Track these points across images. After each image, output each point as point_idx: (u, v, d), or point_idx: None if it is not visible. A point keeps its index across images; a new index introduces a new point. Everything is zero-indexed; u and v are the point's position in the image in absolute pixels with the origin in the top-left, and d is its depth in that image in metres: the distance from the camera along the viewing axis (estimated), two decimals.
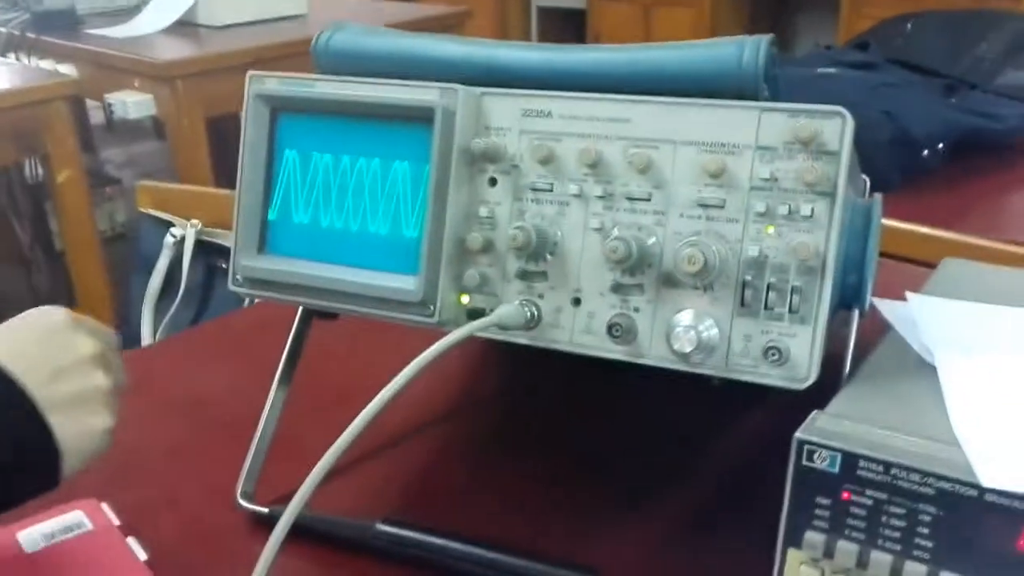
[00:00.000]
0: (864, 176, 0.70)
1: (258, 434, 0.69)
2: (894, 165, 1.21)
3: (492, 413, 0.81)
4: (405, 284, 0.59)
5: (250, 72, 0.63)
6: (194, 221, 1.51)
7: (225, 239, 1.47)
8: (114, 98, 2.38)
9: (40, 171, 2.78)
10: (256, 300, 1.17)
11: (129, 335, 1.56)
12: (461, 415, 0.81)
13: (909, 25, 1.56)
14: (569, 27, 4.62)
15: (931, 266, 0.78)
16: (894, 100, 1.25)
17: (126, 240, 3.29)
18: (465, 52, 0.62)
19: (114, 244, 3.11)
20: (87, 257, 2.29)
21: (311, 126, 0.62)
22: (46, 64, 2.52)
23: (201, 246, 1.50)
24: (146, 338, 1.55)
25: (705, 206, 0.54)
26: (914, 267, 0.92)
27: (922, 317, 0.61)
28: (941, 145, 1.23)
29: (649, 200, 0.55)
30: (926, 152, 1.23)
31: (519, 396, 0.84)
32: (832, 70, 1.41)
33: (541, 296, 0.57)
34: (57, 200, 2.28)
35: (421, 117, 0.58)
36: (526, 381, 0.85)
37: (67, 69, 2.48)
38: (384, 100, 0.59)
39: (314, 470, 0.51)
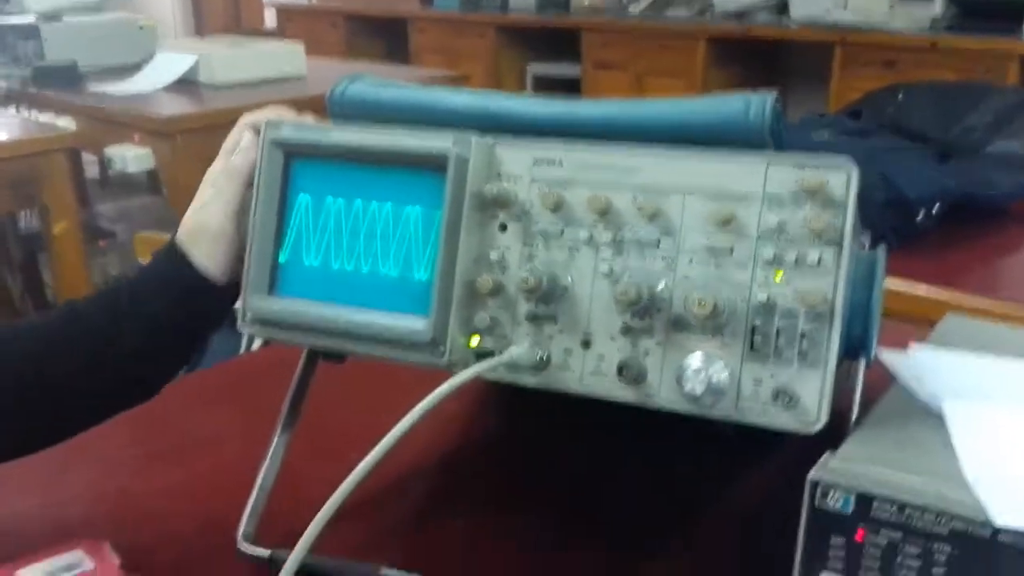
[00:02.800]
0: (865, 232, 0.72)
1: (261, 475, 0.68)
2: (890, 227, 1.23)
3: (497, 457, 0.81)
4: (415, 325, 0.59)
5: (267, 119, 0.64)
6: None
7: None
8: (113, 152, 2.40)
9: (34, 221, 2.79)
10: (255, 347, 1.17)
11: None
12: (466, 459, 0.81)
13: (900, 95, 1.60)
14: (562, 95, 4.70)
15: (929, 325, 0.79)
16: (889, 164, 1.27)
17: None
18: (478, 103, 0.63)
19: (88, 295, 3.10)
20: None
21: (324, 172, 0.63)
22: (46, 118, 2.55)
23: None
24: None
25: (714, 252, 0.55)
26: (911, 325, 0.93)
27: (927, 367, 0.62)
28: (936, 208, 1.26)
29: (658, 246, 0.56)
30: (921, 215, 1.25)
31: (524, 440, 0.83)
32: (826, 135, 1.44)
33: (551, 338, 0.58)
34: (52, 251, 2.28)
35: (435, 164, 0.59)
36: (532, 425, 0.85)
37: (66, 123, 2.50)
38: (398, 147, 0.61)
39: (319, 513, 0.51)
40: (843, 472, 0.46)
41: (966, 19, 3.50)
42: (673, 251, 0.55)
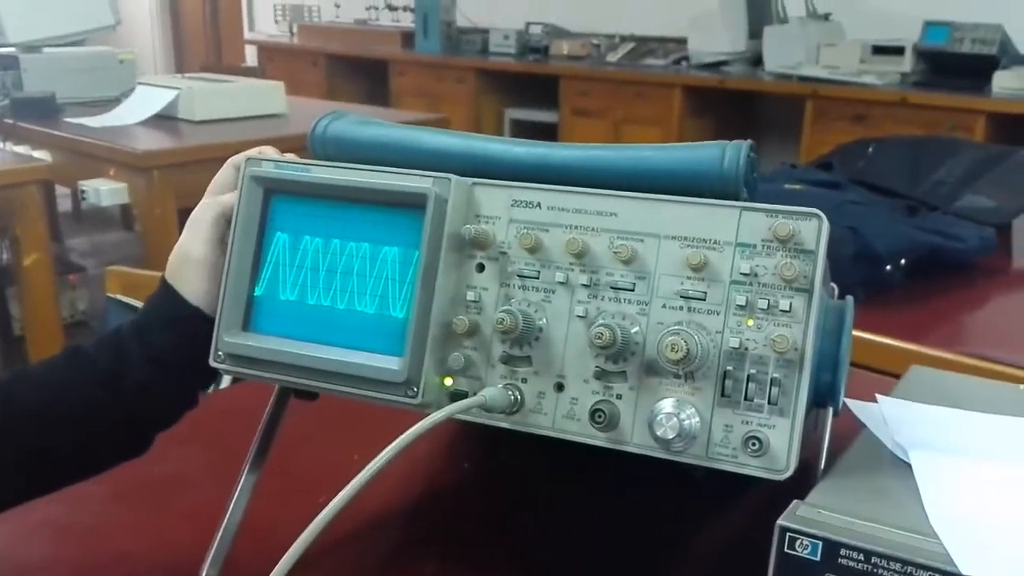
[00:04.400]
0: (832, 283, 0.73)
1: (226, 517, 0.67)
2: (858, 279, 1.25)
3: (469, 499, 0.81)
4: (389, 364, 0.59)
5: (247, 154, 0.65)
6: None
7: None
8: (87, 185, 2.39)
9: (2, 256, 2.76)
10: (223, 386, 1.16)
11: None
12: (438, 501, 0.80)
13: (871, 148, 1.63)
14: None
15: (895, 376, 0.80)
16: (858, 217, 1.30)
17: (87, 328, 3.25)
18: (459, 145, 0.64)
19: (74, 331, 3.07)
20: (48, 342, 2.26)
21: (303, 209, 0.64)
22: (22, 150, 2.54)
23: None
24: None
25: (687, 298, 0.55)
26: (879, 376, 0.94)
27: (894, 418, 0.63)
28: (904, 261, 1.28)
29: (633, 290, 0.56)
30: (889, 267, 1.27)
31: (497, 482, 0.83)
32: (798, 186, 1.47)
33: (524, 381, 0.58)
34: (22, 283, 2.26)
35: (413, 203, 0.60)
36: (504, 467, 0.85)
37: (43, 155, 2.49)
38: (378, 186, 0.61)
39: (284, 558, 0.50)
40: (811, 519, 0.46)
41: (935, 75, 3.60)
42: (647, 295, 0.56)
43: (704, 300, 0.55)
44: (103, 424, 0.63)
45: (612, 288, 0.57)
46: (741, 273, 0.54)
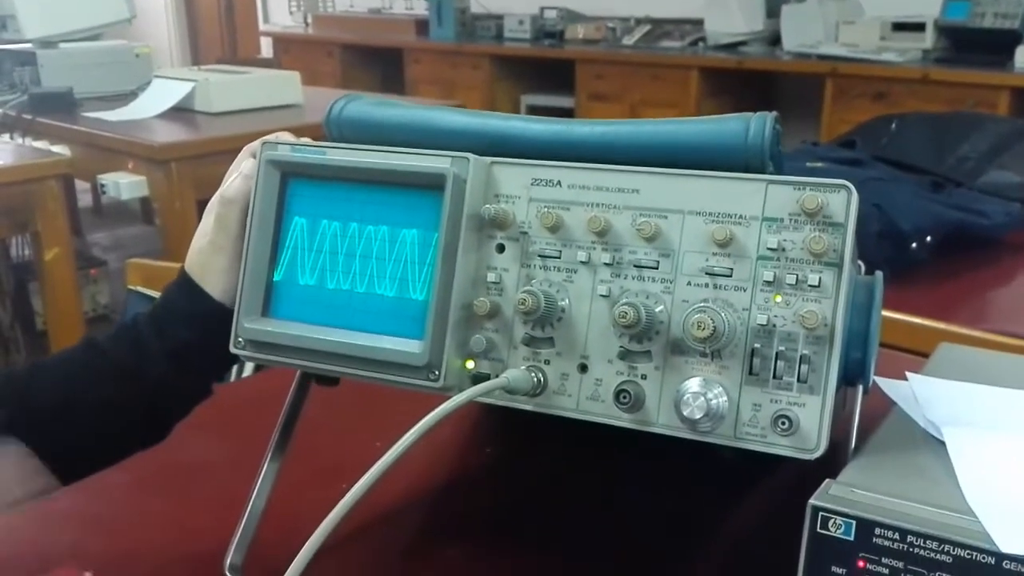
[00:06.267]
0: (859, 261, 0.72)
1: (250, 504, 0.67)
2: (883, 257, 1.23)
3: (492, 484, 0.80)
4: (410, 348, 0.58)
5: (263, 139, 0.64)
6: None
7: None
8: (107, 179, 2.40)
9: (25, 251, 2.78)
10: (245, 375, 1.16)
11: None
12: (461, 487, 0.79)
13: (894, 125, 1.61)
14: None
15: (923, 355, 0.78)
16: (882, 194, 1.28)
17: (108, 322, 3.27)
18: (477, 123, 0.63)
19: (96, 325, 3.09)
20: (70, 335, 2.27)
21: (321, 192, 0.63)
22: (41, 144, 2.55)
23: None
24: None
25: (713, 274, 0.54)
26: (907, 355, 0.93)
27: (925, 396, 0.62)
28: (929, 238, 1.26)
29: (657, 268, 0.55)
30: (914, 245, 1.25)
31: (520, 467, 0.82)
32: (820, 164, 1.45)
33: (547, 362, 0.57)
34: (44, 278, 2.27)
35: (432, 184, 0.59)
36: (528, 451, 0.84)
37: (61, 150, 2.50)
38: (396, 167, 0.60)
39: (306, 545, 0.50)
40: (844, 498, 0.45)
41: (957, 51, 3.55)
42: (672, 273, 0.55)
43: (730, 276, 0.54)
44: (121, 416, 0.63)
45: (635, 266, 0.56)
46: (768, 248, 0.53)
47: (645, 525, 0.72)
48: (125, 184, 2.37)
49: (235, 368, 1.20)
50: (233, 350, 0.64)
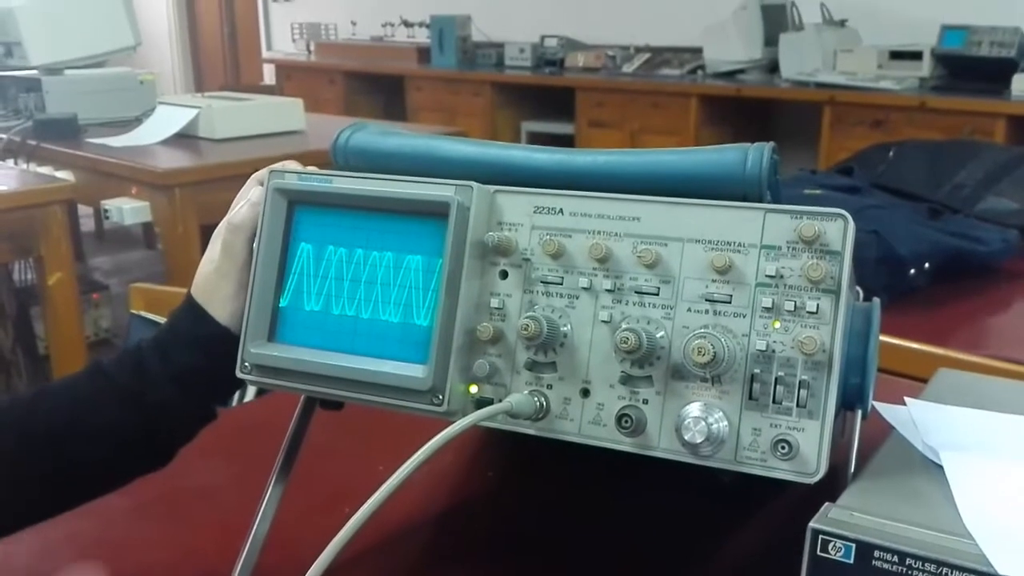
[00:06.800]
0: (857, 287, 0.72)
1: (254, 528, 0.67)
2: (881, 283, 1.24)
3: (495, 510, 0.80)
4: (414, 372, 0.59)
5: (271, 167, 0.65)
6: None
7: None
8: (110, 204, 2.41)
9: (28, 275, 2.79)
10: (248, 399, 1.16)
11: None
12: (464, 513, 0.80)
13: (891, 152, 1.62)
14: None
15: (921, 380, 0.79)
16: (880, 221, 1.29)
17: (110, 346, 3.27)
18: (480, 153, 0.64)
19: (98, 350, 3.10)
20: (72, 360, 2.28)
21: (327, 219, 0.64)
22: (45, 170, 2.56)
23: None
24: None
25: (712, 301, 0.55)
26: (905, 380, 0.93)
27: (923, 421, 0.62)
28: (927, 265, 1.27)
29: (658, 294, 0.56)
30: (912, 271, 1.26)
31: (522, 492, 0.83)
32: (818, 191, 1.46)
33: (550, 387, 0.58)
34: (46, 302, 2.28)
35: (436, 212, 0.60)
36: (530, 476, 0.84)
37: (66, 175, 2.52)
38: (401, 195, 0.61)
39: (311, 569, 0.50)
40: (844, 522, 0.46)
41: (954, 79, 3.58)
42: (672, 299, 0.56)
43: (730, 303, 0.55)
44: (124, 440, 0.64)
45: (636, 292, 0.57)
46: (767, 275, 0.54)
47: (646, 550, 0.73)
48: (128, 209, 2.38)
49: (237, 392, 1.21)
50: (239, 374, 0.64)
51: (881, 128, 3.45)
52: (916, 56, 3.62)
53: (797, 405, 0.53)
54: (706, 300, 0.55)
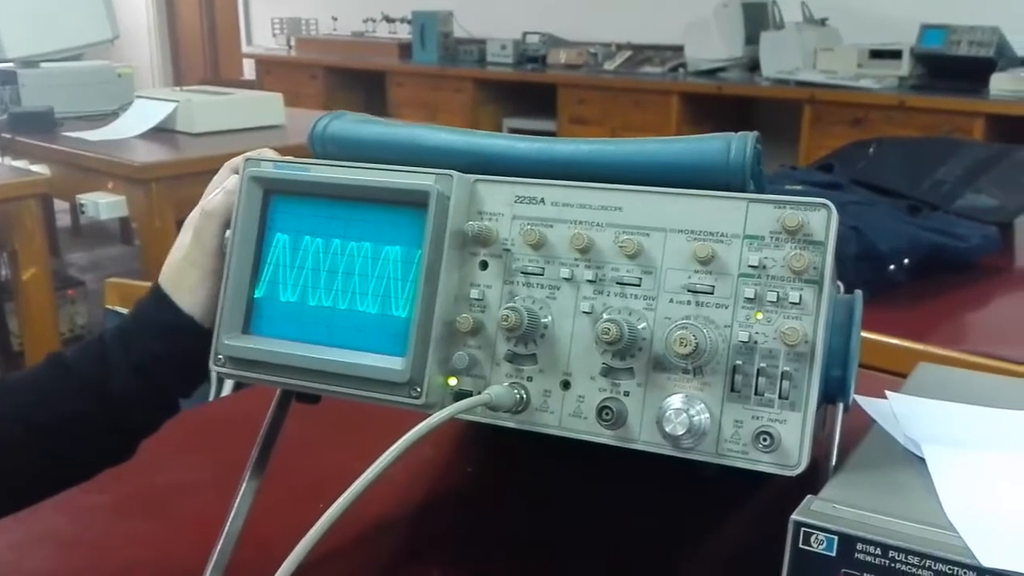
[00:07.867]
0: (838, 282, 0.72)
1: (227, 525, 0.66)
2: (861, 279, 1.23)
3: (473, 504, 0.80)
4: (392, 364, 0.58)
5: (246, 155, 0.64)
6: None
7: None
8: (86, 198, 2.38)
9: (2, 271, 2.76)
10: (224, 394, 1.15)
11: None
12: (442, 506, 0.79)
13: (871, 149, 1.63)
14: None
15: (901, 376, 0.79)
16: (860, 217, 1.29)
17: None
18: (460, 141, 0.63)
19: (73, 346, 3.06)
20: None
21: (303, 209, 0.63)
22: (20, 163, 2.53)
23: None
24: None
25: (695, 291, 0.54)
26: (886, 375, 0.93)
27: (904, 414, 0.62)
28: (907, 261, 1.27)
29: (639, 285, 0.56)
30: (892, 267, 1.26)
31: (502, 485, 0.82)
32: (799, 187, 1.46)
33: (530, 379, 0.57)
34: (20, 298, 2.25)
35: (415, 201, 0.59)
36: (510, 469, 0.84)
37: (41, 169, 2.49)
38: (379, 184, 0.60)
39: (284, 563, 0.49)
40: (826, 514, 0.45)
41: (933, 78, 3.60)
42: (654, 290, 0.55)
43: (712, 294, 0.54)
44: (85, 432, 0.62)
45: (618, 283, 0.56)
46: (749, 266, 0.54)
47: (628, 543, 0.72)
48: (104, 204, 2.36)
49: (215, 387, 1.19)
50: (212, 367, 0.63)
51: (861, 127, 3.46)
52: (896, 55, 3.63)
53: (779, 397, 0.52)
54: (688, 291, 0.55)
